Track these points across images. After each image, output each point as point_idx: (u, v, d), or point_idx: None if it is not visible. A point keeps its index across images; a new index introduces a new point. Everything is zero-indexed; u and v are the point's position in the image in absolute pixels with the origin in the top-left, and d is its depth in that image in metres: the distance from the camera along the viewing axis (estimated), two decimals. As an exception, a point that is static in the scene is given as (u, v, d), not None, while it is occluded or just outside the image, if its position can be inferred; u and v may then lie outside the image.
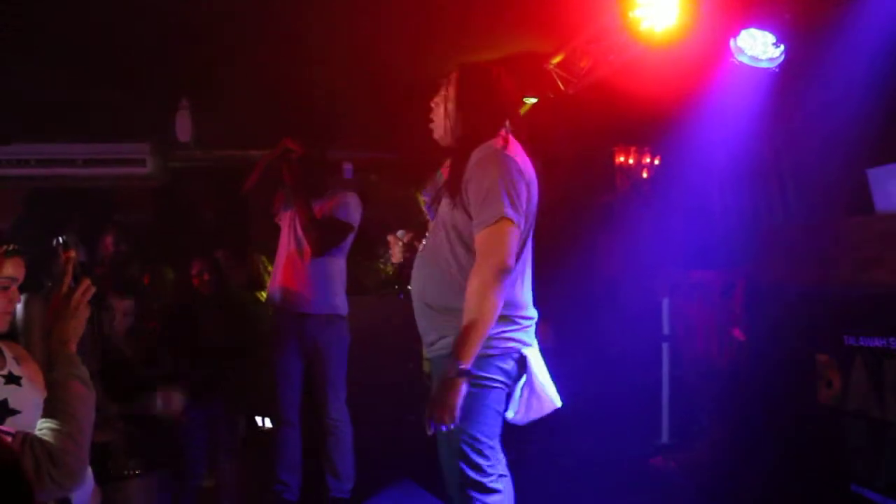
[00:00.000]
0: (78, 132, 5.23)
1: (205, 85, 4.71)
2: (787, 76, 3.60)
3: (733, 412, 4.16)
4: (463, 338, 2.29)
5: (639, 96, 4.29)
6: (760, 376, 3.94)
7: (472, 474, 2.45)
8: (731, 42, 3.62)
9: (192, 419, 3.83)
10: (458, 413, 2.28)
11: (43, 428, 1.67)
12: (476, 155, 2.48)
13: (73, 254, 1.85)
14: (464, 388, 2.27)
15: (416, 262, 2.62)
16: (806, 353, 3.61)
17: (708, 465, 4.25)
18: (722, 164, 4.17)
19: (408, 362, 4.42)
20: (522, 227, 2.43)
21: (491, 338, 2.37)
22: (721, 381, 4.25)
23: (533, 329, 2.54)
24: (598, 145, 5.31)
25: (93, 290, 1.82)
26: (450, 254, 2.49)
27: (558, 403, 2.57)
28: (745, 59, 3.62)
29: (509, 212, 2.37)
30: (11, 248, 1.97)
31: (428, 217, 2.68)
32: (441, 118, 2.62)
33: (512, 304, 2.44)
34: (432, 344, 2.53)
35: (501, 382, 2.47)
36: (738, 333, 4.18)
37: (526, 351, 2.50)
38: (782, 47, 3.52)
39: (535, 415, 2.56)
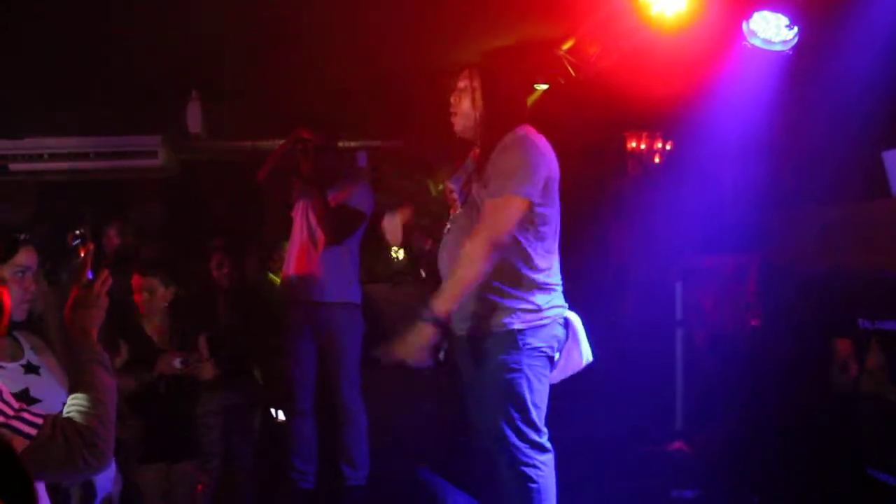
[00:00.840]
0: (90, 126, 5.25)
1: (216, 76, 4.71)
2: (801, 59, 3.57)
3: (748, 396, 4.15)
4: (445, 290, 2.47)
5: (650, 81, 4.27)
6: (775, 360, 3.93)
7: (518, 442, 2.60)
8: (744, 25, 3.59)
9: (209, 410, 3.85)
10: (418, 356, 2.46)
11: (71, 411, 1.71)
12: (502, 142, 2.58)
13: (91, 246, 1.92)
14: (429, 335, 2.43)
15: (445, 243, 2.74)
16: (821, 336, 3.60)
17: (722, 450, 4.25)
18: (735, 149, 4.14)
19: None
20: (537, 201, 2.53)
21: (541, 308, 2.56)
22: (735, 366, 4.24)
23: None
24: (610, 131, 5.28)
25: (111, 280, 1.87)
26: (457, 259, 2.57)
27: (590, 358, 2.73)
28: (757, 42, 3.59)
29: (518, 188, 2.49)
30: (22, 237, 2.03)
31: (457, 201, 2.75)
32: (467, 110, 2.68)
33: (552, 272, 2.63)
34: (461, 321, 2.63)
35: (552, 349, 2.64)
36: (753, 321, 4.18)
37: (567, 313, 2.68)
38: (796, 29, 3.49)
39: (570, 371, 2.74)
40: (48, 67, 4.46)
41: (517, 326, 2.57)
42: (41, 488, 1.77)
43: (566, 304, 2.71)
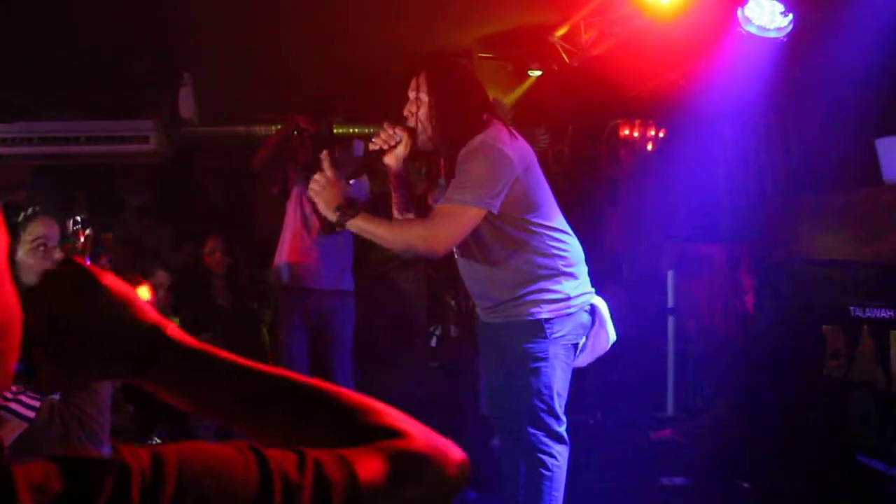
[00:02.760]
0: (82, 110, 5.21)
1: (208, 60, 4.67)
2: (796, 46, 3.56)
3: (739, 384, 4.17)
4: (370, 222, 2.47)
5: (644, 68, 4.26)
6: (767, 348, 3.95)
7: (537, 430, 2.65)
8: (739, 11, 3.57)
9: None
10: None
11: (67, 396, 1.74)
12: (464, 150, 2.52)
13: (89, 232, 1.95)
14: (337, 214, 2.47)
15: (463, 270, 2.77)
16: (812, 324, 3.62)
17: (713, 437, 4.27)
18: (728, 137, 4.14)
19: (413, 337, 4.43)
20: (496, 210, 2.50)
21: (569, 297, 2.58)
22: (727, 354, 4.26)
23: None
24: (603, 118, 5.27)
25: (109, 267, 1.90)
26: (480, 256, 2.62)
27: (614, 338, 2.77)
28: (752, 29, 3.57)
29: (475, 200, 2.46)
30: (34, 209, 2.02)
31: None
32: (421, 123, 2.60)
33: (572, 257, 2.64)
34: (487, 310, 2.73)
35: (577, 336, 2.67)
36: (748, 301, 4.18)
37: (593, 300, 2.71)
38: (791, 16, 3.47)
39: (597, 354, 2.78)
40: (39, 51, 4.41)
41: (545, 315, 2.59)
42: None
43: (593, 290, 2.74)
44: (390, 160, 2.65)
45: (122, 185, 5.71)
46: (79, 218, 2.02)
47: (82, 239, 1.93)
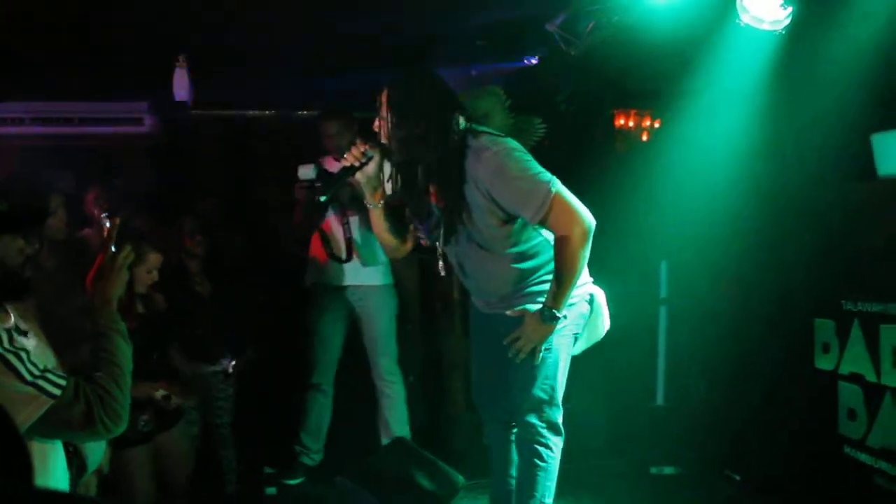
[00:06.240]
0: (75, 91, 5.16)
1: (205, 43, 4.63)
2: (794, 39, 3.55)
3: (729, 375, 4.19)
4: (557, 292, 2.55)
5: (641, 58, 4.24)
6: (758, 340, 3.96)
7: (537, 421, 2.74)
8: (738, 3, 3.56)
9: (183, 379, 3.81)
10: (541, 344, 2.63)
11: (92, 375, 1.81)
12: (477, 163, 2.54)
13: (117, 221, 2.04)
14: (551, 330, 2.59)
15: (460, 264, 2.80)
16: (804, 317, 3.63)
17: (703, 428, 4.29)
18: (723, 128, 4.13)
19: (405, 323, 4.43)
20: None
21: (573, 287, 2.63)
22: (718, 345, 4.27)
23: None
24: (599, 108, 5.25)
25: (132, 255, 2.00)
26: (482, 250, 2.67)
27: (608, 326, 2.85)
28: (750, 21, 3.57)
29: (547, 182, 2.51)
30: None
31: (426, 242, 2.85)
32: (393, 144, 2.63)
33: None
34: (490, 303, 2.80)
35: (578, 326, 2.75)
36: (735, 300, 4.20)
37: (592, 289, 2.78)
38: (790, 9, 3.46)
39: (592, 342, 2.86)
40: (33, 29, 4.37)
41: None
42: (59, 449, 1.87)
43: (591, 279, 2.79)
44: (361, 177, 2.67)
45: (114, 166, 5.67)
46: (107, 213, 2.20)
47: (110, 228, 2.03)
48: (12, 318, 1.94)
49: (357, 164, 2.63)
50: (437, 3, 4.14)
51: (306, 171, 3.94)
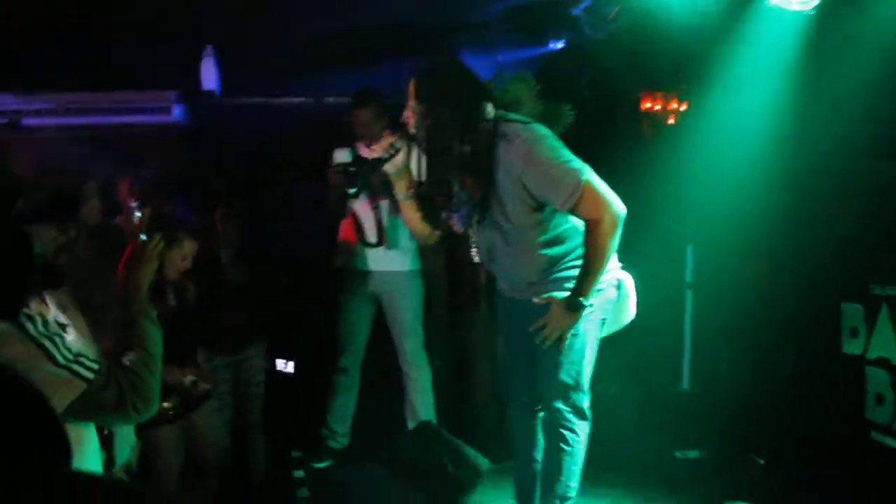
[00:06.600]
0: (103, 81, 5.23)
1: (232, 31, 4.67)
2: (823, 19, 3.50)
3: (755, 359, 4.17)
4: (585, 280, 2.56)
5: (667, 40, 4.20)
6: (785, 325, 3.93)
7: (563, 405, 2.76)
8: (765, -16, 3.52)
9: (217, 365, 3.88)
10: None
11: (123, 360, 1.86)
12: (508, 151, 2.56)
13: (148, 210, 2.08)
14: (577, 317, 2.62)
15: (488, 251, 2.82)
16: (831, 301, 3.60)
17: (727, 412, 4.28)
18: (752, 110, 4.08)
19: (434, 308, 4.46)
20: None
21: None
22: (744, 329, 4.25)
23: None
24: (625, 91, 5.21)
25: (162, 244, 2.06)
26: (510, 237, 2.69)
27: (633, 312, 2.87)
28: (779, 2, 3.52)
29: (580, 172, 2.54)
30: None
31: (458, 228, 2.88)
32: (422, 133, 2.64)
33: None
34: (518, 288, 2.82)
35: (606, 311, 2.78)
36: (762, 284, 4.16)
37: (619, 274, 2.80)
38: (818, -11, 3.41)
39: (618, 327, 2.88)
40: (61, 21, 4.44)
41: None
42: (93, 434, 1.92)
43: (619, 265, 2.81)
44: (390, 168, 2.70)
45: (143, 155, 5.75)
46: (137, 197, 2.27)
47: (140, 217, 2.10)
48: (51, 309, 2.00)
49: (386, 155, 2.66)
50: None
51: (342, 155, 3.96)
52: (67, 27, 4.45)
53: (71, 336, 1.92)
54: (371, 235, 4.02)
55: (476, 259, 2.90)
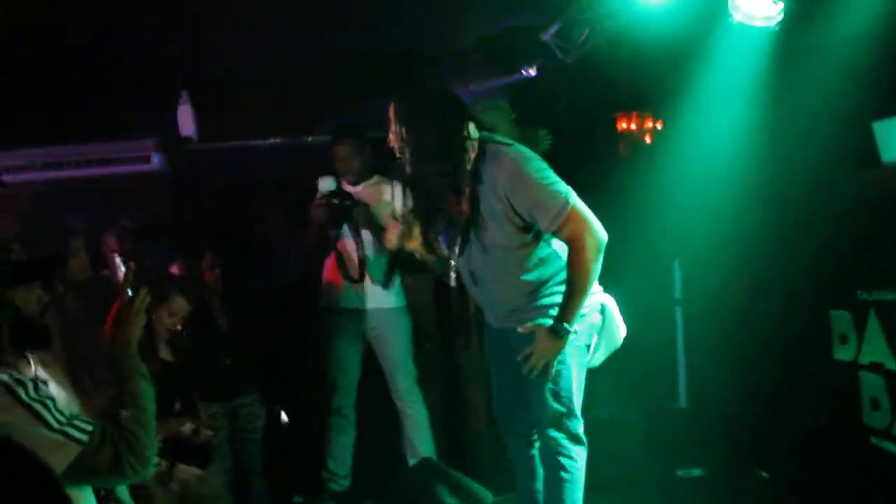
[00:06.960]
0: (81, 133, 5.22)
1: (206, 77, 4.69)
2: (787, 33, 3.56)
3: (750, 372, 4.17)
4: (569, 305, 2.57)
5: (638, 61, 4.27)
6: (774, 335, 3.94)
7: (557, 433, 2.75)
8: (729, 1, 3.58)
9: (213, 413, 3.85)
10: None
11: (117, 420, 1.85)
12: (495, 169, 2.57)
13: (132, 265, 2.10)
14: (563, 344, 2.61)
15: (471, 279, 2.82)
16: (819, 309, 3.61)
17: (727, 428, 4.27)
18: (725, 126, 4.14)
19: (424, 342, 4.44)
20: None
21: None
22: (736, 342, 4.25)
23: None
24: (600, 113, 5.27)
25: (149, 298, 2.04)
26: (491, 264, 2.69)
27: (624, 332, 2.86)
28: (743, 18, 3.58)
29: (564, 188, 2.56)
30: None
31: (441, 250, 2.89)
32: (405, 157, 2.66)
33: None
34: (501, 317, 2.81)
35: (590, 336, 2.77)
36: (751, 295, 4.18)
37: (602, 297, 2.79)
38: (782, 4, 3.48)
39: (610, 350, 2.87)
40: (36, 75, 4.44)
41: None
42: (89, 494, 1.89)
43: (601, 289, 2.79)
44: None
45: (124, 205, 5.72)
46: (122, 253, 2.26)
47: (125, 273, 2.08)
48: (33, 368, 1.97)
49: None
50: (425, 22, 4.17)
51: (326, 184, 3.97)
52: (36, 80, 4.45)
53: (60, 396, 1.90)
54: (354, 272, 4.01)
55: (453, 283, 2.89)
